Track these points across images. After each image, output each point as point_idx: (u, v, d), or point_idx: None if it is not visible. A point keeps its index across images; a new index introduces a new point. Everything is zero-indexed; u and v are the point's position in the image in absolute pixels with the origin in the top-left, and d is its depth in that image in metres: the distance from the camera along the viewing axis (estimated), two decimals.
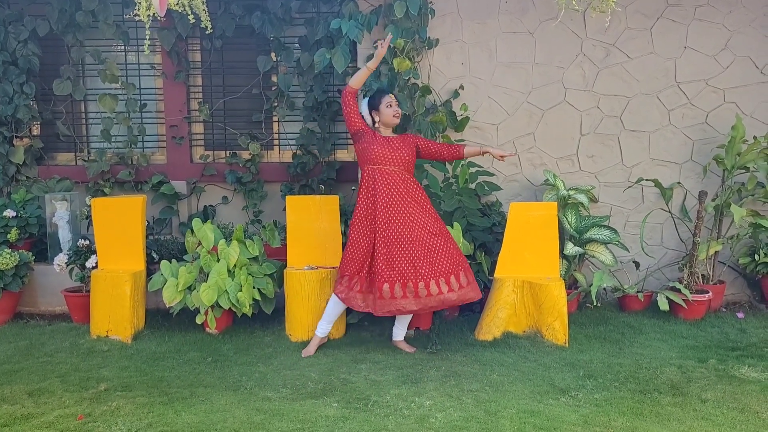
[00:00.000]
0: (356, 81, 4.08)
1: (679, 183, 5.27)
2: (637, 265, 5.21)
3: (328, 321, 4.20)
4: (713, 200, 5.11)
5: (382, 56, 4.08)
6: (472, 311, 4.91)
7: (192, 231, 4.63)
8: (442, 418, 3.19)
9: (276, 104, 5.64)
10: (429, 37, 5.17)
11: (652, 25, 5.21)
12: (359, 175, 4.27)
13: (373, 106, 4.14)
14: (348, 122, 4.10)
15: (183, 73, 5.60)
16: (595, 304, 4.75)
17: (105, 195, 5.51)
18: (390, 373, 3.80)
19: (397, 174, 4.04)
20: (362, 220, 4.05)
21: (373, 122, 4.16)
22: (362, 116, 4.14)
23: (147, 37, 4.77)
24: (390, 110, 4.11)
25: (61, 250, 5.12)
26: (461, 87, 5.24)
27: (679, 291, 4.82)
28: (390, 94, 4.14)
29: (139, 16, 4.21)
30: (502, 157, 4.19)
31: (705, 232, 5.16)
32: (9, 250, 4.83)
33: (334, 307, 4.18)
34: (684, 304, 4.76)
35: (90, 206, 4.90)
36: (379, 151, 4.04)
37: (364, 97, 4.51)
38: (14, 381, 3.71)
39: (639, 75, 5.25)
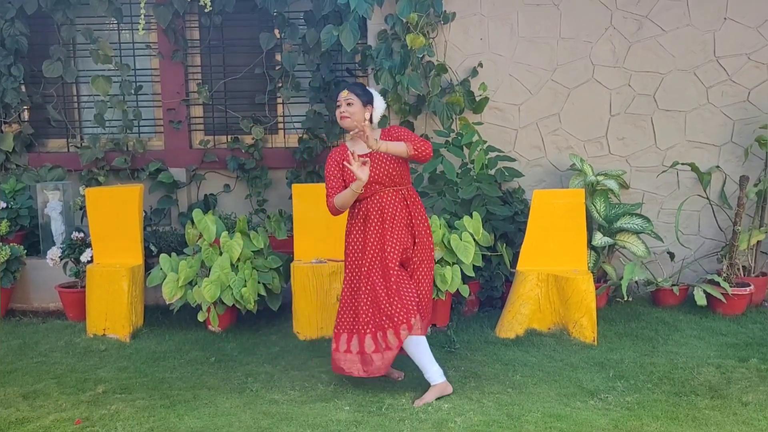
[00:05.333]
0: (342, 203, 3.54)
1: (718, 167, 5.24)
2: (671, 256, 5.20)
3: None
4: (755, 185, 5.07)
5: (366, 178, 3.45)
6: (493, 307, 4.93)
7: (192, 222, 4.66)
8: (462, 423, 3.22)
9: (280, 85, 5.64)
10: (445, 11, 5.15)
11: None
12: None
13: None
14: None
15: (180, 52, 5.62)
16: (626, 298, 4.75)
17: (99, 184, 5.55)
18: (406, 374, 3.83)
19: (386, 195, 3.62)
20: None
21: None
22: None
23: (142, 14, 4.82)
24: (337, 112, 3.63)
25: (54, 243, 5.17)
26: (480, 65, 5.22)
27: (717, 284, 4.80)
28: (342, 92, 3.62)
29: None
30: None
31: (746, 220, 5.12)
32: None
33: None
34: (723, 299, 4.73)
35: (84, 196, 4.95)
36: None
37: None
38: (8, 383, 3.78)
39: (674, 49, 5.20)
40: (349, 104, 3.61)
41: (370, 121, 3.66)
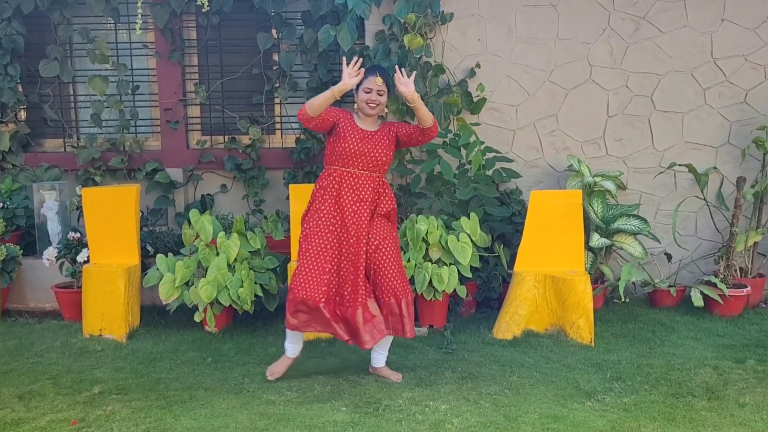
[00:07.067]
0: (315, 106, 3.56)
1: (715, 168, 5.23)
2: (669, 257, 5.19)
3: (292, 341, 3.83)
4: (752, 186, 5.07)
5: (351, 87, 3.56)
6: (490, 308, 4.92)
7: (189, 222, 4.63)
8: (459, 424, 3.21)
9: (278, 85, 5.63)
10: (442, 11, 5.14)
11: None
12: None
13: (357, 87, 3.67)
14: (326, 126, 3.68)
15: (178, 52, 5.60)
16: (623, 299, 4.74)
17: (96, 184, 5.55)
18: (402, 374, 3.82)
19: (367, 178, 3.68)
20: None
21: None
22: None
23: (139, 14, 4.81)
24: (364, 96, 3.63)
25: (50, 243, 5.15)
26: (477, 65, 5.22)
27: (714, 285, 4.79)
28: (376, 78, 3.61)
29: None
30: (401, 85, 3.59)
31: (743, 222, 5.12)
32: None
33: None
34: (720, 300, 4.73)
35: (80, 196, 4.93)
36: (351, 147, 3.63)
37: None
38: (3, 383, 3.76)
39: (672, 50, 5.20)
40: (380, 94, 3.65)
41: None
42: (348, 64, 3.59)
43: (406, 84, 3.57)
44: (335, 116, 3.68)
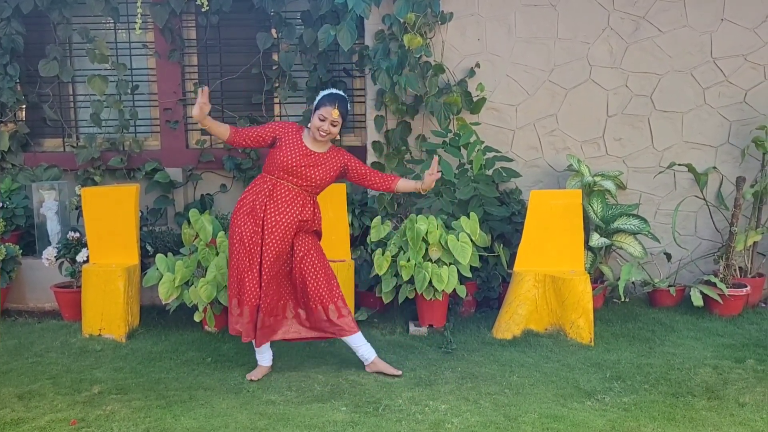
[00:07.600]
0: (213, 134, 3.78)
1: (714, 168, 5.23)
2: (668, 257, 5.19)
3: (260, 352, 3.94)
4: (752, 186, 5.07)
5: (198, 117, 3.59)
6: (490, 307, 4.92)
7: (189, 222, 4.63)
8: (459, 424, 3.21)
9: (277, 85, 5.63)
10: (442, 11, 5.13)
11: None
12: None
13: (315, 108, 3.75)
14: (261, 143, 3.80)
15: (177, 52, 5.61)
16: (622, 299, 4.74)
17: (95, 183, 5.55)
18: (404, 373, 3.82)
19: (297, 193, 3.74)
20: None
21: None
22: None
23: (138, 13, 4.81)
24: (317, 122, 3.67)
25: (49, 243, 5.15)
26: (477, 65, 5.21)
27: (714, 285, 4.79)
28: (333, 109, 3.64)
29: None
30: (431, 175, 3.85)
31: (743, 221, 5.12)
32: None
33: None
34: (720, 299, 4.74)
35: (80, 196, 4.93)
36: (288, 161, 3.69)
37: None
38: (3, 383, 3.76)
39: (671, 50, 5.20)
40: (333, 125, 3.71)
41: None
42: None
43: (434, 178, 3.84)
44: (274, 133, 3.78)
